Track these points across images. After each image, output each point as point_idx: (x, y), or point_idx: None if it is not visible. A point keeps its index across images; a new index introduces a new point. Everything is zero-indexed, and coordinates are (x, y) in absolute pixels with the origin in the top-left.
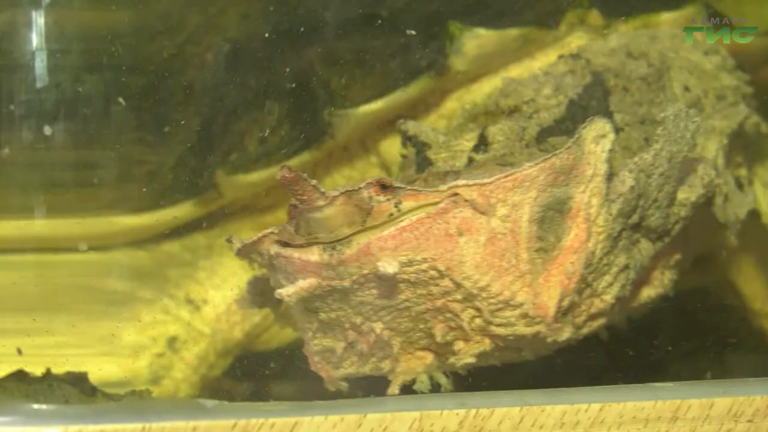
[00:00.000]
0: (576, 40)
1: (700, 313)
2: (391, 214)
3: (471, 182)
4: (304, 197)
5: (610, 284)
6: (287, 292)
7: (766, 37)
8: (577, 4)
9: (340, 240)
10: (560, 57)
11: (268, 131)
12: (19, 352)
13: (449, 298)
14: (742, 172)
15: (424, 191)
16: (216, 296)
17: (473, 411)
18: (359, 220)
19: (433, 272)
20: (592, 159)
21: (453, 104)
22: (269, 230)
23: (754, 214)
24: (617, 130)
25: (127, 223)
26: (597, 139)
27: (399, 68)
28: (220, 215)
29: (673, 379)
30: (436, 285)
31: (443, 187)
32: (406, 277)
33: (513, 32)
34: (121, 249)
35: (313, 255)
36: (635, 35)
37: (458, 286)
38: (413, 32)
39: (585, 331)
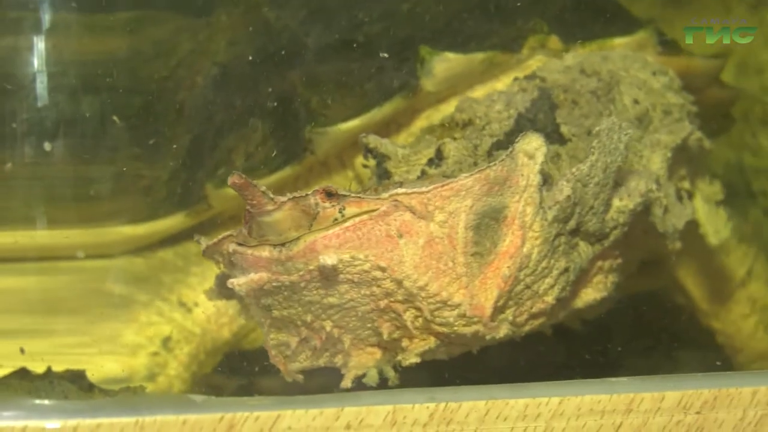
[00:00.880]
0: (536, 63)
1: (652, 313)
2: (336, 219)
3: (410, 191)
4: (254, 202)
5: (552, 286)
6: (238, 281)
7: (711, 60)
8: (538, 30)
9: (289, 241)
10: (515, 79)
11: (253, 148)
12: (22, 351)
13: (392, 299)
14: (685, 184)
15: (366, 198)
16: (206, 299)
17: (442, 404)
18: (306, 224)
19: (375, 273)
20: (525, 171)
21: (422, 123)
22: (228, 233)
23: (696, 223)
24: (564, 142)
25: (125, 233)
26: (530, 152)
27: (374, 89)
28: (209, 225)
29: (627, 374)
30: (378, 286)
31: (385, 195)
32: (350, 277)
33: (479, 56)
34: (120, 256)
35: (264, 251)
36: (589, 55)
37: (399, 285)
38: (387, 56)
39: (527, 328)
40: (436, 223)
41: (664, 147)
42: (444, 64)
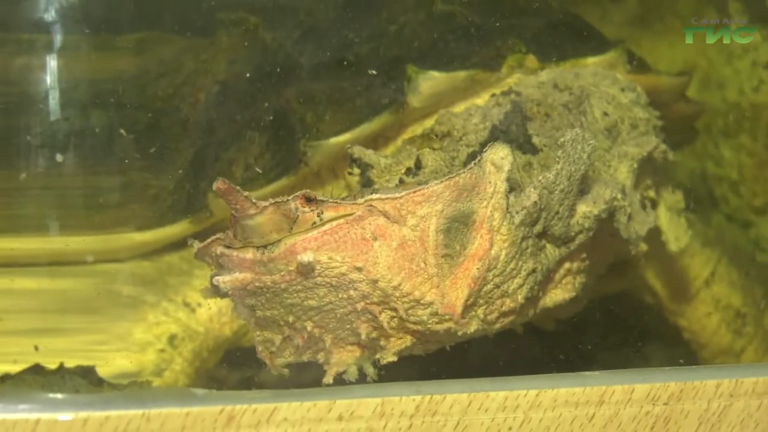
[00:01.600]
0: (514, 81)
1: (622, 312)
2: (314, 223)
3: (384, 196)
4: (238, 206)
5: (521, 286)
6: (223, 279)
7: (677, 77)
8: (516, 50)
9: (271, 243)
10: (493, 95)
11: (252, 159)
12: (36, 348)
13: (368, 301)
14: (650, 194)
15: (343, 203)
16: (209, 300)
17: (428, 397)
18: (286, 227)
19: (352, 275)
20: (493, 178)
21: (408, 136)
22: (217, 236)
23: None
24: (536, 152)
25: (133, 239)
26: (497, 161)
27: (364, 105)
28: (211, 231)
29: (599, 368)
30: (355, 289)
31: (360, 200)
32: (328, 280)
33: (461, 74)
34: (129, 260)
35: (248, 253)
36: (562, 71)
37: (374, 286)
38: (376, 74)
39: (498, 326)
40: (408, 226)
41: (630, 158)
42: (429, 81)
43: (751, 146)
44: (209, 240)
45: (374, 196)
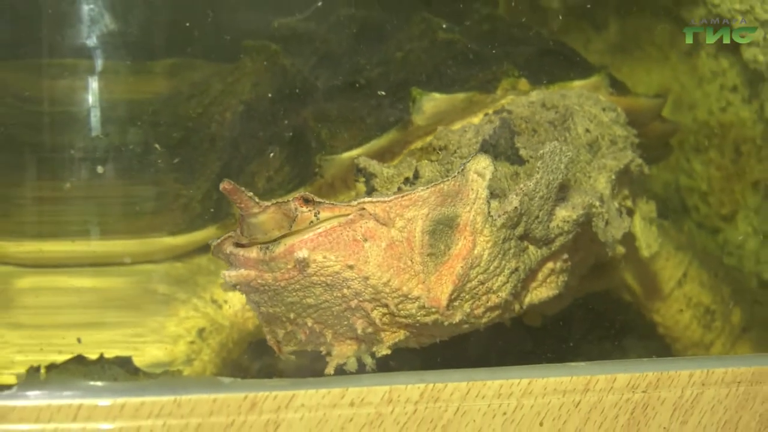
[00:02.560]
0: (508, 101)
1: (604, 310)
2: (312, 222)
3: (375, 200)
4: (242, 205)
5: (504, 283)
6: (229, 274)
7: (653, 99)
8: (510, 74)
9: (273, 241)
10: (486, 114)
11: (272, 172)
12: (79, 341)
13: (360, 299)
14: (628, 203)
15: (338, 205)
16: (233, 298)
17: (431, 385)
18: (287, 225)
19: (345, 273)
20: (475, 186)
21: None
22: (228, 234)
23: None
24: (522, 163)
25: (167, 242)
26: (479, 170)
27: (373, 123)
28: None
29: (584, 359)
30: (348, 287)
31: (354, 203)
32: (323, 279)
33: (460, 96)
34: (163, 262)
35: (252, 253)
36: (550, 93)
37: (366, 283)
38: (384, 95)
39: (485, 320)
40: (396, 228)
41: (609, 170)
42: (432, 102)
43: (719, 161)
44: (222, 238)
45: (366, 199)
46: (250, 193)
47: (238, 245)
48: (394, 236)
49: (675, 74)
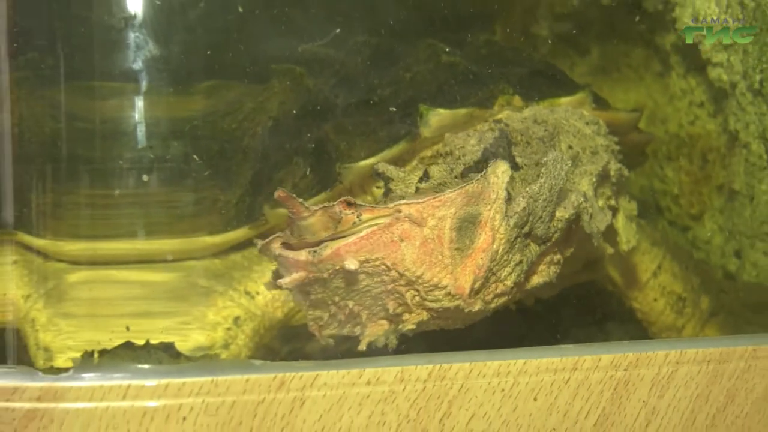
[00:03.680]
0: (503, 116)
1: (590, 298)
2: (354, 223)
3: (410, 202)
4: (294, 210)
5: (510, 273)
6: (284, 281)
7: (631, 113)
8: (505, 92)
9: (320, 242)
10: (486, 122)
11: (297, 179)
12: (128, 328)
13: (397, 284)
14: (611, 202)
15: (377, 207)
16: (265, 289)
17: (438, 366)
18: (332, 226)
19: (383, 267)
20: (495, 188)
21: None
22: (276, 234)
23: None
24: (518, 169)
25: (206, 241)
26: (498, 174)
27: (386, 136)
28: (266, 235)
29: (573, 342)
30: (387, 275)
31: (391, 205)
32: (365, 269)
33: (462, 111)
34: (203, 258)
35: (302, 256)
36: (540, 108)
37: (402, 275)
38: (395, 111)
39: (493, 306)
40: (428, 227)
41: (590, 174)
42: (437, 117)
43: (688, 167)
44: (270, 238)
45: (401, 202)
46: (300, 200)
47: (287, 245)
48: (426, 234)
49: (649, 92)
